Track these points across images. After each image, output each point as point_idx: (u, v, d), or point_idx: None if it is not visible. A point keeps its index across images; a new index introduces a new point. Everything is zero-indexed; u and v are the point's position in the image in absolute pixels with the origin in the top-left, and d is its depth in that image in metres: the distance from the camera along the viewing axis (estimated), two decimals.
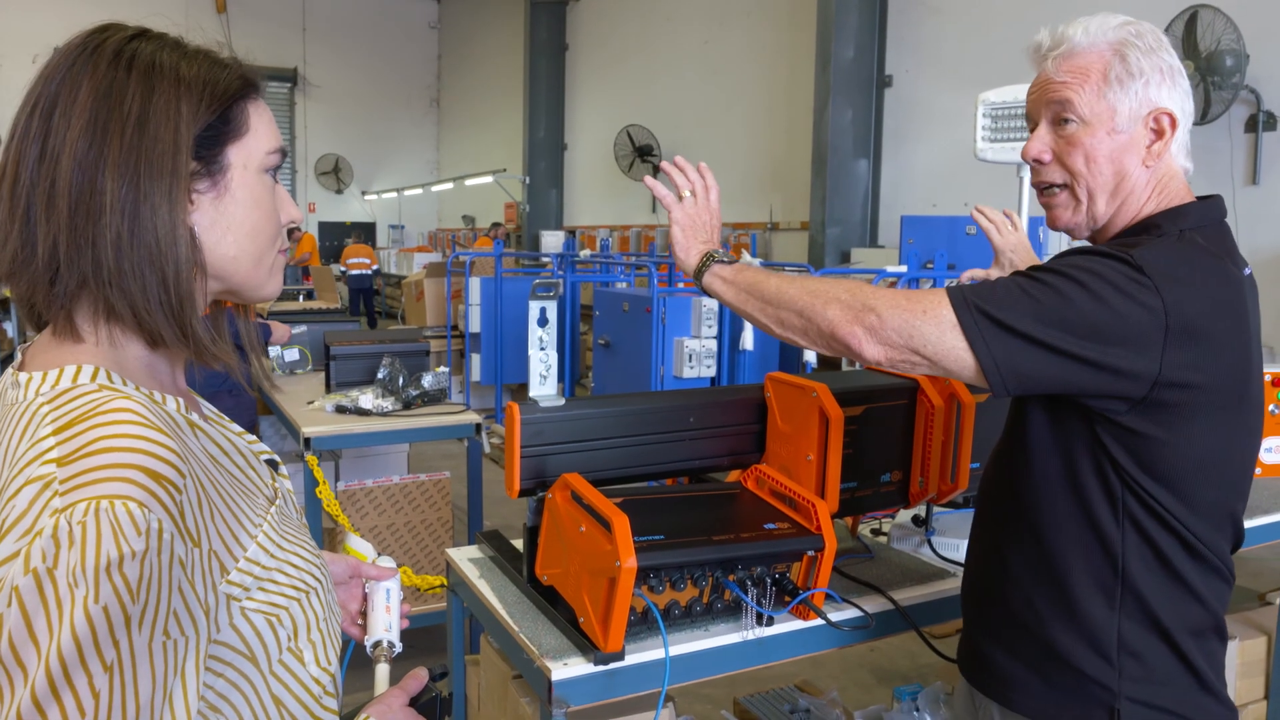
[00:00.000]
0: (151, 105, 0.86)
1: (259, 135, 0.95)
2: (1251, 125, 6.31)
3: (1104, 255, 1.34)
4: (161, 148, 0.86)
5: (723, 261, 1.59)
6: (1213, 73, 6.09)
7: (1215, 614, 1.48)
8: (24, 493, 0.75)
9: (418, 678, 1.13)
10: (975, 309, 1.33)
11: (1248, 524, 2.31)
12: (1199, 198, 1.48)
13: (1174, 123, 1.42)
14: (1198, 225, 1.42)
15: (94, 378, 0.85)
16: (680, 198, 1.68)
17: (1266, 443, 2.68)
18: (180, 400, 0.92)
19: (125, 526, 0.74)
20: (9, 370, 0.91)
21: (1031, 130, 1.50)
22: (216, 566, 0.85)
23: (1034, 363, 1.33)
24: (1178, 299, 1.30)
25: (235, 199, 0.93)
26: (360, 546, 1.31)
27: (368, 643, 1.22)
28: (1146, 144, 1.43)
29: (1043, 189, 1.50)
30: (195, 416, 0.93)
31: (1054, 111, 1.45)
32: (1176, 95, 1.42)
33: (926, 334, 1.35)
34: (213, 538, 0.84)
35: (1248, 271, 1.46)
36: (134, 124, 0.85)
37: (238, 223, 0.93)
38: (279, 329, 4.78)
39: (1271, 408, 2.67)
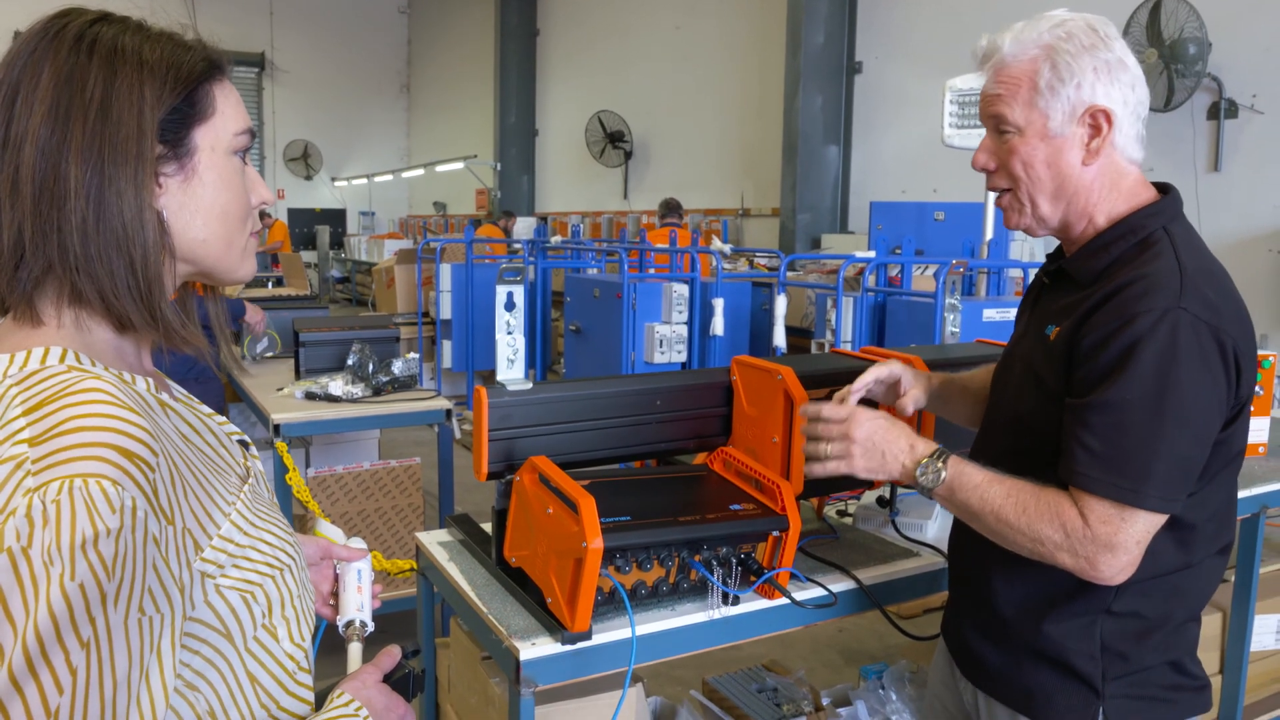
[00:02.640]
0: (114, 90, 0.86)
1: (226, 117, 0.95)
2: (1214, 113, 6.40)
3: (1187, 323, 1.34)
4: (125, 132, 0.86)
5: (931, 483, 1.49)
6: (1176, 60, 6.17)
7: (1201, 604, 1.54)
8: None
9: (391, 655, 1.14)
10: (1156, 494, 1.34)
11: None
12: (1156, 186, 1.52)
13: (1110, 119, 1.43)
14: (1172, 218, 1.47)
15: (62, 359, 0.85)
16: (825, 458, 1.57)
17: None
18: (150, 381, 0.92)
19: (99, 504, 0.74)
20: None
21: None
22: (190, 544, 0.86)
23: (1199, 464, 1.39)
24: (1236, 335, 1.38)
25: (203, 181, 0.93)
26: (330, 532, 1.33)
27: (340, 622, 1.23)
28: (1084, 142, 1.45)
29: (995, 193, 1.55)
30: (165, 396, 0.94)
31: (993, 122, 1.50)
32: (1116, 90, 1.43)
33: (1143, 534, 1.36)
34: (186, 515, 0.85)
35: None
36: (96, 109, 0.85)
37: (206, 205, 0.93)
38: (254, 311, 4.69)
39: (1257, 389, 2.73)
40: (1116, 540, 1.35)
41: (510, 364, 1.82)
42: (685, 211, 9.73)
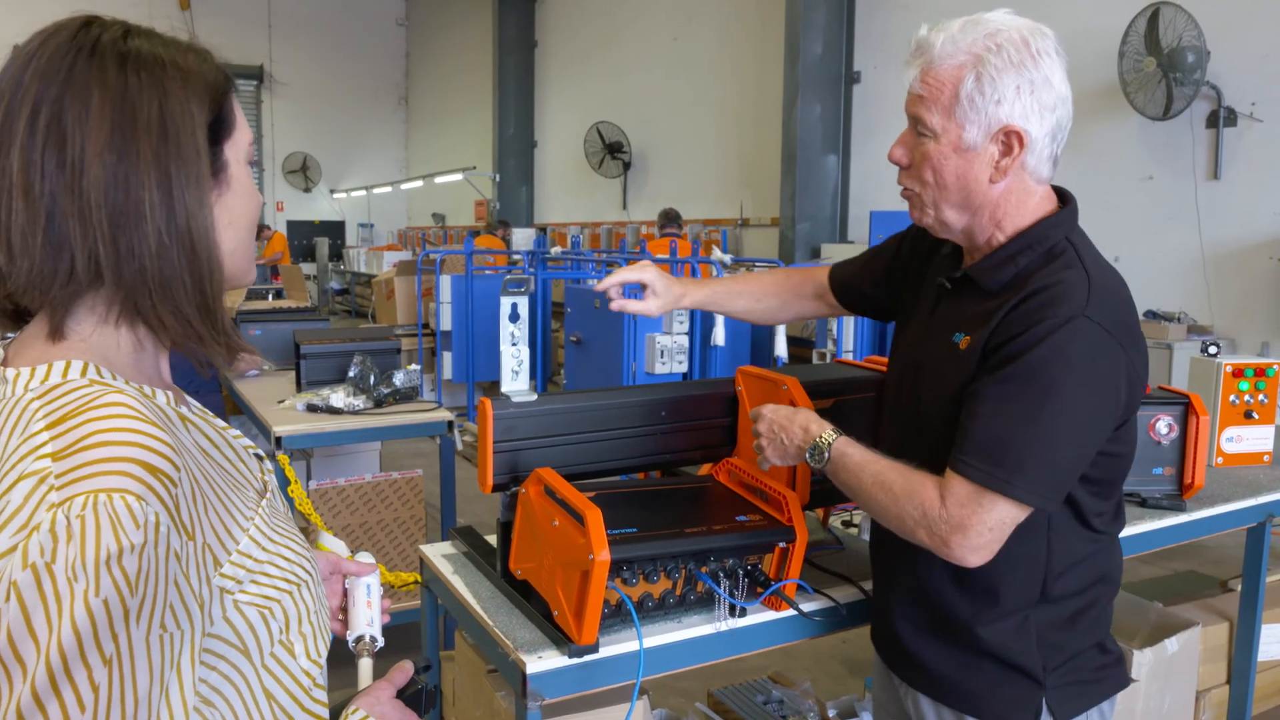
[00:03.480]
0: (168, 109, 0.86)
1: (242, 127, 0.96)
2: (1213, 121, 6.41)
3: (1082, 329, 1.37)
4: (187, 152, 0.87)
5: (818, 460, 1.58)
6: (1174, 69, 6.17)
7: (1117, 581, 1.63)
8: (19, 488, 0.75)
9: (404, 670, 1.13)
10: (1019, 485, 1.37)
11: (1208, 512, 2.37)
12: (1058, 191, 1.55)
13: (1023, 141, 1.43)
14: (1071, 228, 1.51)
15: (84, 373, 0.84)
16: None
17: (1227, 432, 2.73)
18: (169, 394, 0.92)
19: (124, 520, 0.74)
20: None
21: None
22: (210, 559, 0.85)
23: (1077, 470, 1.44)
24: (1132, 346, 1.43)
25: (234, 193, 0.94)
26: (333, 545, 1.32)
27: (350, 638, 1.23)
28: (994, 160, 1.45)
29: (902, 187, 1.58)
30: (185, 410, 0.93)
31: (912, 121, 1.51)
32: (1035, 112, 1.42)
33: (999, 521, 1.40)
34: (206, 531, 0.85)
35: None
36: (157, 130, 0.85)
37: (237, 215, 0.95)
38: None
39: (1231, 398, 2.73)
40: (969, 523, 1.39)
41: (515, 375, 1.81)
42: (685, 222, 9.74)
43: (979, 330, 1.46)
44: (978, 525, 1.38)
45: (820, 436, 1.58)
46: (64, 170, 0.83)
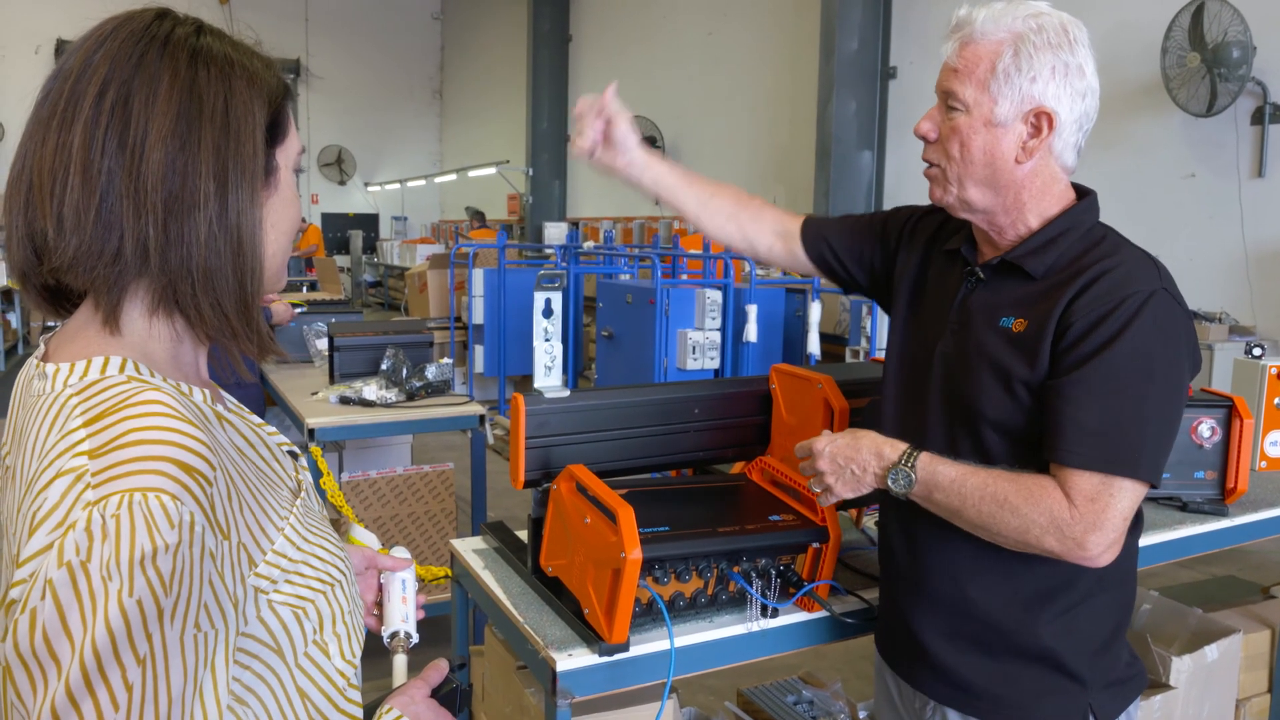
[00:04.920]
0: (233, 105, 0.87)
1: (293, 135, 0.97)
2: (1258, 118, 6.29)
3: (1166, 307, 1.39)
4: (246, 149, 0.88)
5: (903, 488, 1.48)
6: (1219, 64, 6.07)
7: (1135, 580, 1.63)
8: (56, 485, 0.75)
9: (439, 668, 1.12)
10: (1144, 464, 1.35)
11: (1251, 518, 2.32)
12: (1077, 188, 1.54)
13: (1052, 123, 1.43)
14: (1096, 216, 1.52)
15: (122, 369, 0.84)
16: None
17: (1271, 436, 2.68)
18: (206, 392, 0.92)
19: (159, 519, 0.73)
20: (32, 361, 0.91)
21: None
22: (245, 559, 0.85)
23: (1170, 447, 1.41)
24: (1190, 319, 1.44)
25: (281, 197, 0.95)
26: (364, 537, 1.31)
27: (384, 633, 1.22)
28: (1022, 140, 1.45)
29: (926, 164, 1.56)
30: (221, 408, 0.93)
31: (944, 95, 1.50)
32: (1066, 95, 1.43)
33: (1128, 508, 1.37)
34: (241, 530, 0.84)
35: None
36: (221, 124, 0.86)
37: (280, 219, 0.95)
38: (280, 310, 4.70)
39: (1276, 401, 2.67)
40: (1105, 517, 1.34)
41: (548, 371, 1.80)
42: None
43: (1035, 313, 1.44)
44: (1112, 517, 1.34)
45: (901, 461, 1.47)
46: (124, 151, 0.83)
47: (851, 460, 1.51)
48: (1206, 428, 2.29)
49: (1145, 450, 1.35)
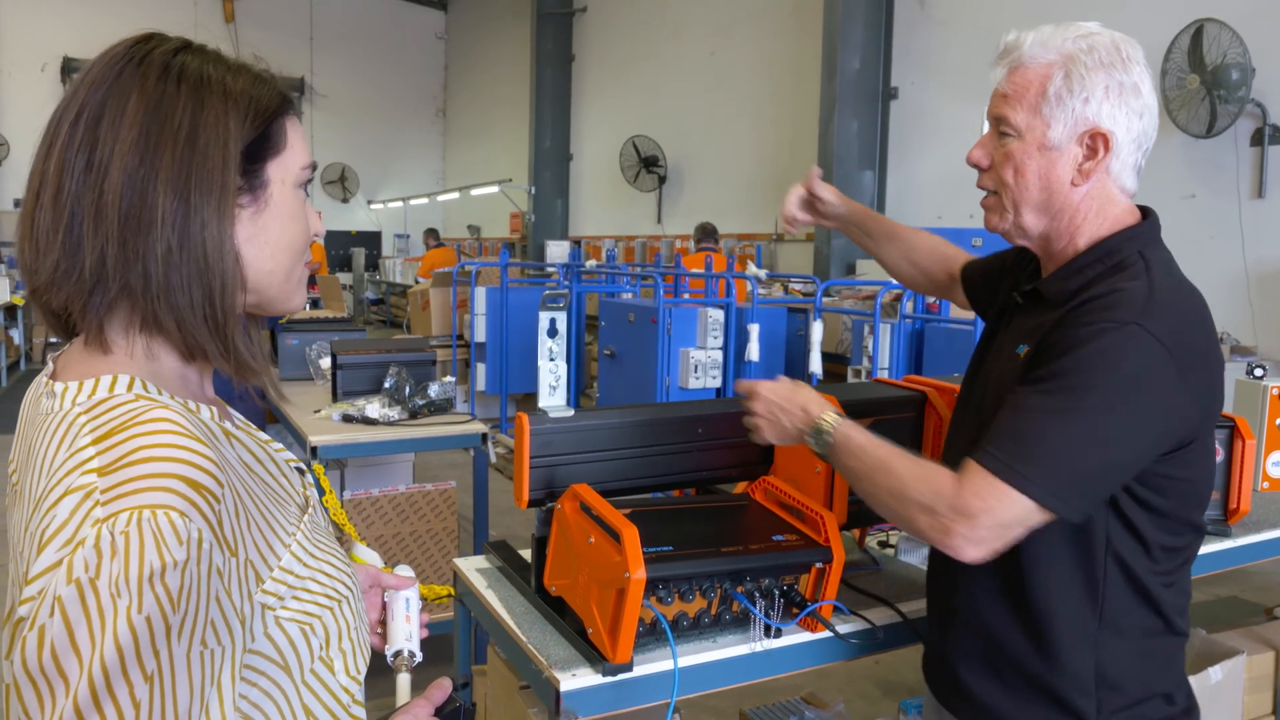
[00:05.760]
0: (201, 120, 0.87)
1: (295, 151, 0.96)
2: (1258, 139, 6.31)
3: (1134, 335, 1.32)
4: (211, 163, 0.87)
5: (819, 444, 1.55)
6: (1219, 86, 6.09)
7: (1183, 633, 1.51)
8: (65, 502, 0.75)
9: (442, 687, 1.13)
10: (1039, 482, 1.31)
11: (1253, 538, 2.32)
12: (1140, 208, 1.50)
13: (1108, 144, 1.41)
14: (1149, 243, 1.46)
15: (130, 387, 0.85)
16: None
17: (1273, 457, 2.68)
18: (213, 409, 0.92)
19: (167, 536, 0.74)
20: (41, 379, 0.92)
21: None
22: (252, 576, 0.85)
23: (1107, 484, 1.36)
24: (1193, 367, 1.34)
25: (274, 214, 0.94)
26: (367, 556, 1.32)
27: (388, 652, 1.22)
28: (1078, 162, 1.43)
29: (982, 191, 1.55)
30: (228, 425, 0.94)
31: (995, 122, 1.48)
32: (1122, 114, 1.40)
33: (1011, 519, 1.33)
34: (249, 547, 0.85)
35: None
36: (185, 138, 0.86)
37: (275, 237, 0.94)
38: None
39: (1278, 422, 2.67)
40: (980, 515, 1.31)
41: (553, 390, 1.81)
42: (720, 236, 9.72)
43: (1035, 339, 1.43)
44: (985, 517, 1.31)
45: (822, 418, 1.54)
46: (90, 171, 0.85)
47: (784, 410, 1.60)
48: None
49: (1043, 470, 1.30)
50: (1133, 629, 1.45)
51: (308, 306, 8.41)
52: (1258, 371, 2.79)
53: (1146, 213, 1.51)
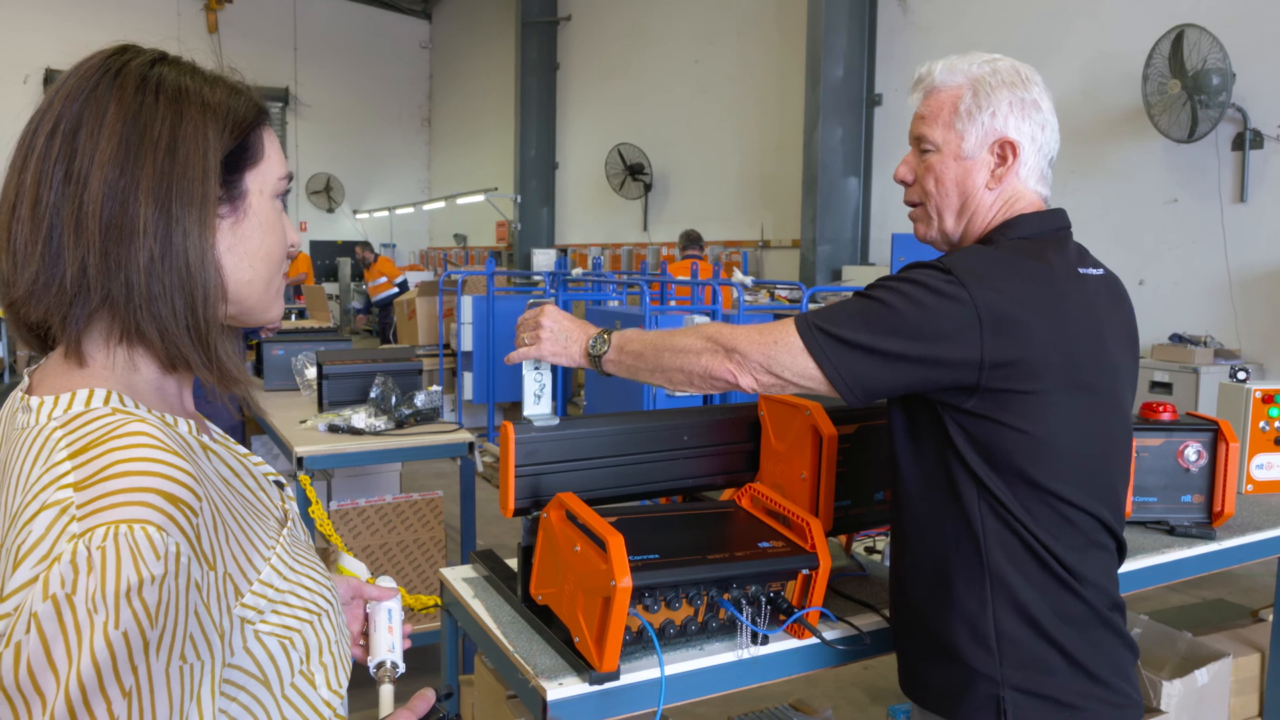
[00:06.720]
0: (181, 131, 0.87)
1: (272, 162, 0.96)
2: (1238, 143, 6.36)
3: (921, 265, 1.49)
4: (192, 174, 0.87)
5: (601, 349, 1.67)
6: (1199, 91, 6.14)
7: (1094, 604, 1.53)
8: (40, 518, 0.74)
9: (425, 698, 1.12)
10: (816, 330, 1.48)
11: (1238, 541, 2.33)
12: (1046, 211, 1.61)
13: (1016, 151, 1.57)
14: (1028, 234, 1.56)
15: (106, 401, 0.84)
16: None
17: (1257, 459, 2.69)
18: (191, 423, 0.92)
19: (144, 551, 0.73)
20: (17, 394, 0.91)
21: None
22: (231, 590, 0.84)
23: (873, 369, 1.47)
24: (984, 292, 1.44)
25: (252, 224, 0.94)
26: (353, 566, 1.31)
27: (371, 664, 1.22)
28: (991, 168, 1.59)
29: (909, 206, 1.69)
30: (206, 439, 0.93)
31: (916, 141, 1.64)
32: (1026, 126, 1.57)
33: (783, 360, 1.50)
34: (227, 561, 0.84)
35: (1098, 272, 1.59)
36: (165, 149, 0.86)
37: (254, 247, 0.94)
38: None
39: (1261, 424, 2.69)
40: (761, 341, 1.50)
41: (537, 400, 1.81)
42: (706, 243, 9.74)
43: None
44: (765, 344, 1.49)
45: (601, 331, 1.68)
46: (69, 182, 0.84)
47: (568, 331, 1.71)
48: (1193, 451, 2.31)
49: (823, 323, 1.47)
50: (1023, 585, 1.49)
51: (294, 316, 8.37)
52: (1240, 374, 2.80)
53: (1056, 213, 1.62)
